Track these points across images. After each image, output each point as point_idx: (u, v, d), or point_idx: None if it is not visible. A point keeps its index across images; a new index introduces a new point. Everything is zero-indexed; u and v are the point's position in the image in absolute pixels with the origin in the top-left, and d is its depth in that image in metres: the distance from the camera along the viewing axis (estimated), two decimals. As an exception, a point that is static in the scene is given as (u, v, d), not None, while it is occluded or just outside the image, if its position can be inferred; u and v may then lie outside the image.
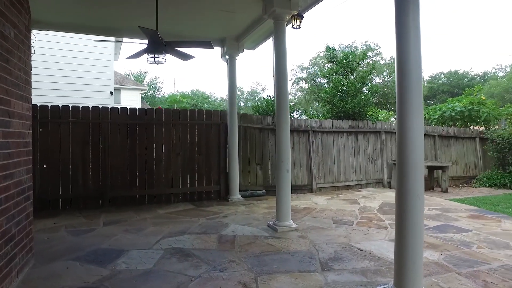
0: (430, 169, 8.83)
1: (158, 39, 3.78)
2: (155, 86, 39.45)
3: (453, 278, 2.98)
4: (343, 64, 8.27)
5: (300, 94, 34.44)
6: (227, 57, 6.51)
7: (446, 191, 8.23)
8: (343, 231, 4.44)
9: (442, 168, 8.41)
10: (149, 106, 20.90)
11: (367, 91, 8.48)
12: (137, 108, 6.14)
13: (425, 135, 9.39)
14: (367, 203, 6.39)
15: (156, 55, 3.99)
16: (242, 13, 4.99)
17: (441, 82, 36.10)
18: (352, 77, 8.40)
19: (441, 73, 36.74)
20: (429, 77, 35.07)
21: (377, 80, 28.00)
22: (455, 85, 35.12)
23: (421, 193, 2.52)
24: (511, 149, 9.46)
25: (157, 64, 4.12)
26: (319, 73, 31.17)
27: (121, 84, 15.76)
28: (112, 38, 7.35)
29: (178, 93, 37.27)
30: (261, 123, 7.14)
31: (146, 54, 4.04)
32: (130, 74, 39.25)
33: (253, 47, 6.64)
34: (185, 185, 6.29)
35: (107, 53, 9.39)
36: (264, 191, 6.98)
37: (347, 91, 8.07)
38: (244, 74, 63.50)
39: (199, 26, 5.62)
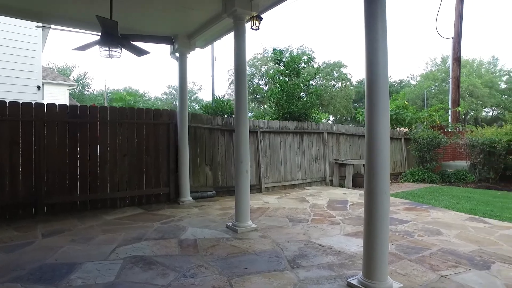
0: (366, 167, 9.60)
1: (116, 31, 3.47)
2: (84, 82, 36.15)
3: (407, 264, 3.29)
4: (289, 67, 8.56)
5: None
6: (177, 54, 6.26)
7: (379, 187, 9.01)
8: (300, 229, 4.58)
9: (376, 166, 9.19)
10: (77, 104, 19.03)
11: (309, 94, 8.87)
12: (78, 105, 5.56)
13: (361, 135, 10.21)
14: (315, 200, 6.70)
15: (111, 48, 3.66)
16: (199, 10, 4.84)
17: (362, 87, 39.51)
18: (298, 79, 8.73)
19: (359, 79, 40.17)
20: (356, 82, 38.08)
21: (311, 83, 29.65)
22: (376, 91, 38.70)
23: (387, 190, 2.73)
24: (429, 149, 10.76)
25: (111, 58, 3.78)
26: (256, 74, 31.83)
27: (44, 78, 14.03)
28: (40, 25, 6.58)
29: (108, 90, 34.73)
30: (211, 123, 7.02)
31: (98, 46, 3.68)
32: (55, 67, 35.36)
33: (203, 45, 6.48)
34: (133, 188, 5.89)
35: (33, 42, 8.28)
36: (214, 192, 6.88)
37: (293, 93, 8.36)
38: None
39: (152, 21, 5.30)
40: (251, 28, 4.65)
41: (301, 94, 8.52)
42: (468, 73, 34.52)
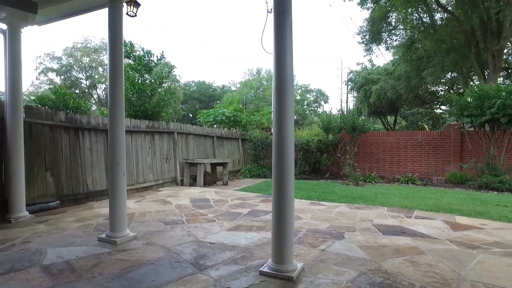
0: (213, 165, 10.12)
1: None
2: None
3: (294, 247, 3.78)
4: (141, 62, 7.96)
5: (48, 87, 29.14)
6: (3, 26, 4.77)
7: (226, 184, 9.69)
8: (182, 231, 4.46)
9: (224, 165, 9.85)
10: None
11: (164, 92, 8.55)
12: None
13: (206, 136, 10.67)
14: (177, 201, 6.58)
15: None
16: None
17: (192, 89, 40.96)
18: (149, 76, 8.23)
19: (192, 81, 41.69)
20: (183, 83, 38.86)
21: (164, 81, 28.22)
22: (203, 93, 40.92)
23: (293, 183, 3.09)
24: (263, 148, 12.38)
25: None
26: (75, 66, 27.52)
27: None
28: None
29: None
30: (52, 119, 5.71)
31: None
32: None
33: (45, 21, 5.12)
34: None
35: None
36: (58, 202, 5.66)
37: (145, 90, 7.86)
38: None
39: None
40: (127, 13, 4.13)
41: (154, 91, 8.11)
42: (276, 85, 41.43)
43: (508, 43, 15.52)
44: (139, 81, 7.75)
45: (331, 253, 3.56)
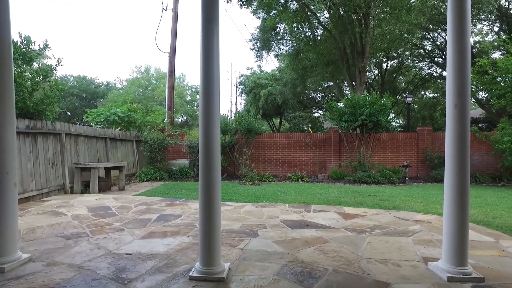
0: (108, 170, 9.29)
1: None
2: None
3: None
4: (18, 50, 6.67)
5: None
6: None
7: (123, 189, 9.04)
8: (89, 244, 4.05)
9: (120, 168, 9.16)
10: None
11: (51, 87, 7.37)
12: None
13: (99, 137, 9.80)
14: (73, 211, 5.88)
15: None
16: None
17: (70, 84, 36.18)
18: (30, 68, 6.98)
19: (71, 76, 36.84)
20: (59, 77, 33.99)
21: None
22: (84, 90, 36.59)
23: (219, 185, 3.20)
24: (160, 150, 11.96)
25: None
26: None
27: None
28: None
29: None
30: None
31: None
32: None
33: None
34: None
35: None
36: None
37: (24, 83, 6.69)
38: None
39: None
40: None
41: (37, 86, 6.95)
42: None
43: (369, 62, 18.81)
44: (17, 72, 6.53)
45: (251, 251, 3.80)
